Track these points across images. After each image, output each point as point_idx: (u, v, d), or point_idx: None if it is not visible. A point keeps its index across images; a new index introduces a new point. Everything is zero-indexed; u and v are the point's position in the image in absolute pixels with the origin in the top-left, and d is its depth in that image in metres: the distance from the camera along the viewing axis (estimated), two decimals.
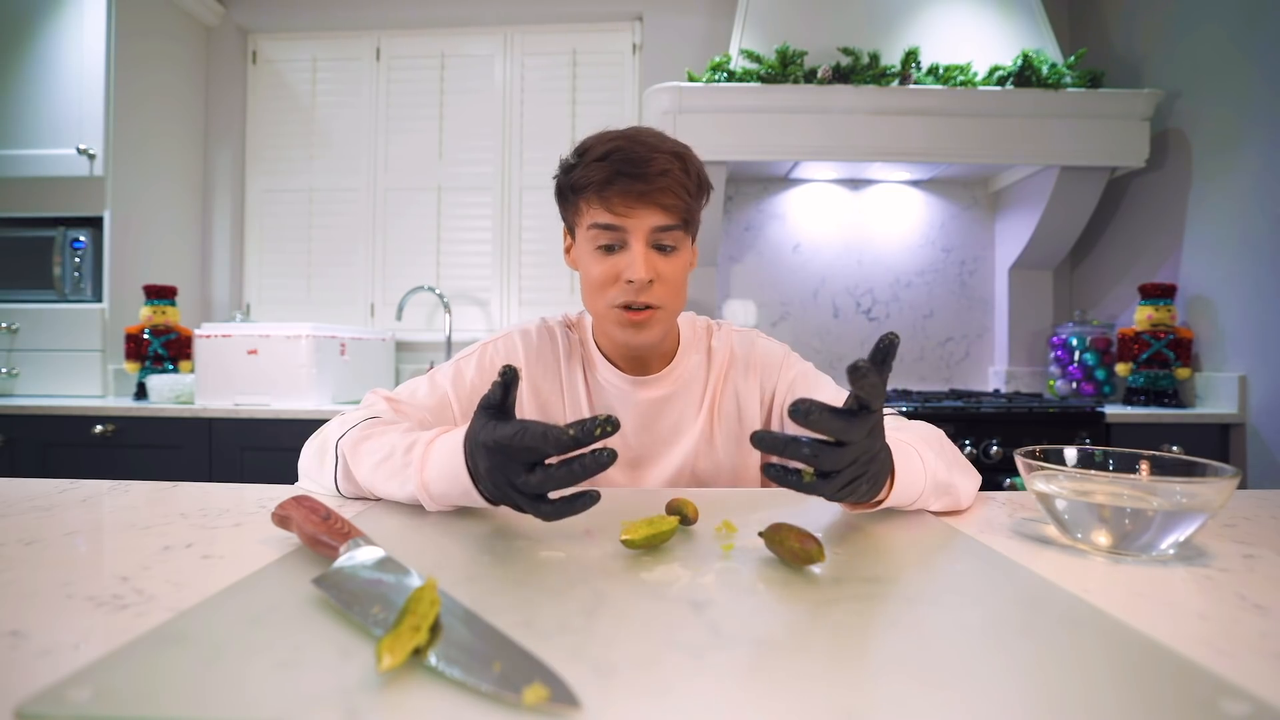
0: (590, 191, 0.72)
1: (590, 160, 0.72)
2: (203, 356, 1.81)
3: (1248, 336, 1.69)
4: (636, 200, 0.71)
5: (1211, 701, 0.28)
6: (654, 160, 0.70)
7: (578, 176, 0.73)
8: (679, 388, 0.85)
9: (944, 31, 2.03)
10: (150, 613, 0.37)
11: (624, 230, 0.72)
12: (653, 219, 0.72)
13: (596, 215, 0.73)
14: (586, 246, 0.75)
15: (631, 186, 0.70)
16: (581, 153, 0.74)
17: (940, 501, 0.62)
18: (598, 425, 0.45)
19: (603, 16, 2.39)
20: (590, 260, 0.75)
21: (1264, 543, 0.54)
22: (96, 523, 0.57)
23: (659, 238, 0.73)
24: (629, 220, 0.72)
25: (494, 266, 2.42)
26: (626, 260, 0.73)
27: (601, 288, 0.75)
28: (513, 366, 0.51)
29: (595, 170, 0.71)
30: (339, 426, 0.70)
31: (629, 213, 0.71)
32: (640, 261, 0.72)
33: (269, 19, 2.43)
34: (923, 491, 0.59)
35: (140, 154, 2.11)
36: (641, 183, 0.70)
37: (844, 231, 2.33)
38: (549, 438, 0.46)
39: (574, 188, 0.74)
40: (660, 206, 0.71)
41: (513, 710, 0.27)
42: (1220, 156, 1.77)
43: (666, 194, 0.71)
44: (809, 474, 0.49)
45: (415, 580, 0.40)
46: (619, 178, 0.70)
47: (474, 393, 0.82)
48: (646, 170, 0.70)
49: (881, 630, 0.36)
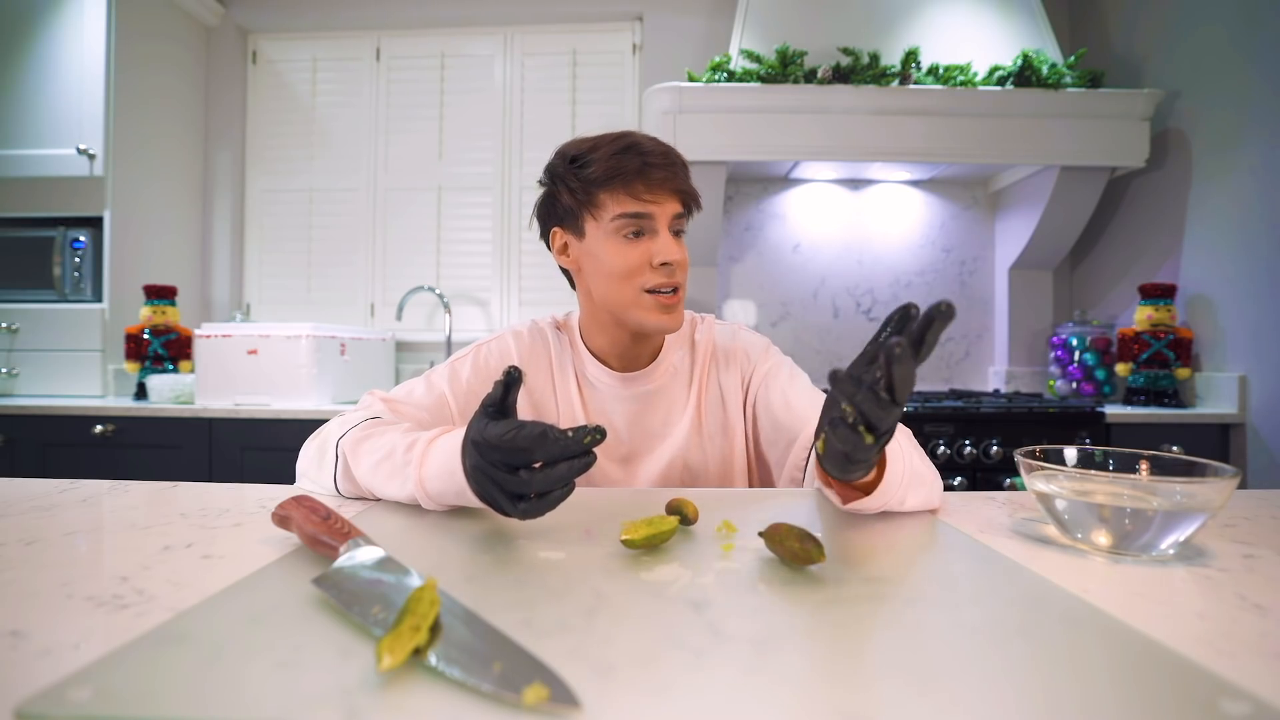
0: (616, 183, 0.76)
1: (609, 154, 0.76)
2: (203, 356, 1.81)
3: (1248, 336, 1.69)
4: (661, 187, 0.76)
5: (1211, 701, 0.28)
6: (668, 152, 0.77)
7: (597, 171, 0.76)
8: (666, 381, 0.87)
9: (944, 31, 2.03)
10: (150, 613, 0.37)
11: (652, 217, 0.76)
12: (673, 206, 0.77)
13: (624, 205, 0.76)
14: (608, 238, 0.78)
15: (657, 175, 0.75)
16: (587, 151, 0.77)
17: (917, 495, 0.60)
18: (587, 434, 0.46)
19: (603, 16, 2.39)
20: (614, 251, 0.77)
21: (1264, 543, 0.54)
22: (96, 523, 0.57)
23: (677, 224, 0.79)
24: (655, 207, 0.76)
25: (494, 266, 2.42)
26: (658, 245, 0.77)
27: (631, 275, 0.77)
28: (517, 367, 0.51)
29: (615, 165, 0.75)
30: (339, 427, 0.70)
31: (655, 199, 0.76)
32: (671, 243, 0.77)
33: (269, 19, 2.43)
34: (903, 475, 0.58)
35: (140, 154, 2.11)
36: (662, 171, 0.75)
37: (844, 231, 2.33)
38: (547, 438, 0.46)
39: (593, 181, 0.76)
40: (679, 193, 0.77)
41: (513, 710, 0.27)
42: (1220, 156, 1.77)
43: (684, 182, 0.78)
44: (869, 436, 0.47)
45: (415, 580, 0.40)
46: (648, 168, 0.75)
47: (470, 393, 0.83)
48: (661, 161, 0.76)
49: (881, 630, 0.36)
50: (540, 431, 0.47)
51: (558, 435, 0.46)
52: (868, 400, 0.44)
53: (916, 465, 0.61)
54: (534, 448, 0.47)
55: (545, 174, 0.82)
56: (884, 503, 0.58)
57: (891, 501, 0.58)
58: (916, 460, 0.61)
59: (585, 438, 0.46)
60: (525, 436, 0.47)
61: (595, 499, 0.66)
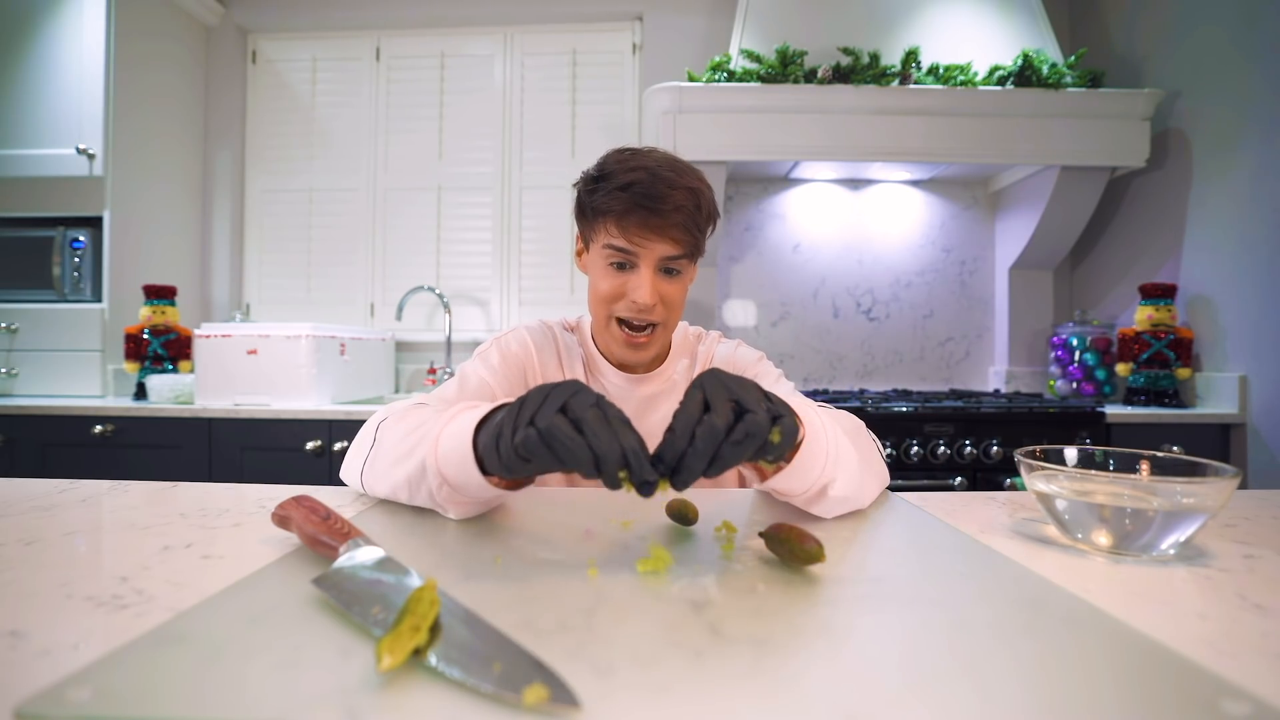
0: (609, 218, 0.77)
1: (612, 188, 0.76)
2: (202, 356, 1.81)
3: (1248, 336, 1.69)
4: (650, 232, 0.76)
5: (1212, 701, 0.28)
6: (670, 196, 0.75)
7: (599, 201, 0.78)
8: (668, 386, 0.91)
9: (944, 31, 2.03)
10: (150, 613, 0.37)
11: (635, 254, 0.78)
12: (663, 249, 0.77)
13: (612, 238, 0.78)
14: (599, 260, 0.81)
15: (647, 220, 0.75)
16: (605, 175, 0.78)
17: (845, 474, 0.58)
18: (645, 477, 0.44)
19: (603, 16, 2.39)
20: (601, 274, 0.81)
21: (1264, 543, 0.54)
22: (96, 523, 0.57)
23: (667, 264, 0.79)
24: (641, 248, 0.77)
25: (494, 266, 2.42)
26: (635, 282, 0.78)
27: (608, 300, 0.81)
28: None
29: (615, 200, 0.76)
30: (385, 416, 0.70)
31: (642, 242, 0.77)
32: (647, 286, 0.77)
33: (269, 19, 2.43)
34: (826, 445, 0.57)
35: (140, 154, 2.11)
36: (657, 217, 0.75)
37: (844, 231, 2.33)
38: (601, 407, 0.46)
39: (594, 209, 0.79)
40: (671, 239, 0.77)
41: (513, 710, 0.27)
42: (1220, 156, 1.77)
43: (678, 229, 0.76)
44: (775, 434, 0.47)
45: (415, 580, 0.40)
46: (636, 209, 0.75)
47: (506, 377, 0.85)
48: (662, 206, 0.75)
49: (882, 630, 0.36)
50: (613, 415, 0.45)
51: (632, 446, 0.44)
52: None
53: (845, 450, 0.59)
54: (597, 410, 0.45)
55: (579, 180, 0.84)
56: (803, 477, 0.56)
57: (810, 476, 0.56)
58: (840, 436, 0.59)
59: (643, 476, 0.44)
60: (615, 412, 0.46)
61: (595, 499, 0.66)
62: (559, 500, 0.66)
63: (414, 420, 0.63)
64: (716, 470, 0.46)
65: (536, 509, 0.62)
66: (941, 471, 1.70)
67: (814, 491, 0.58)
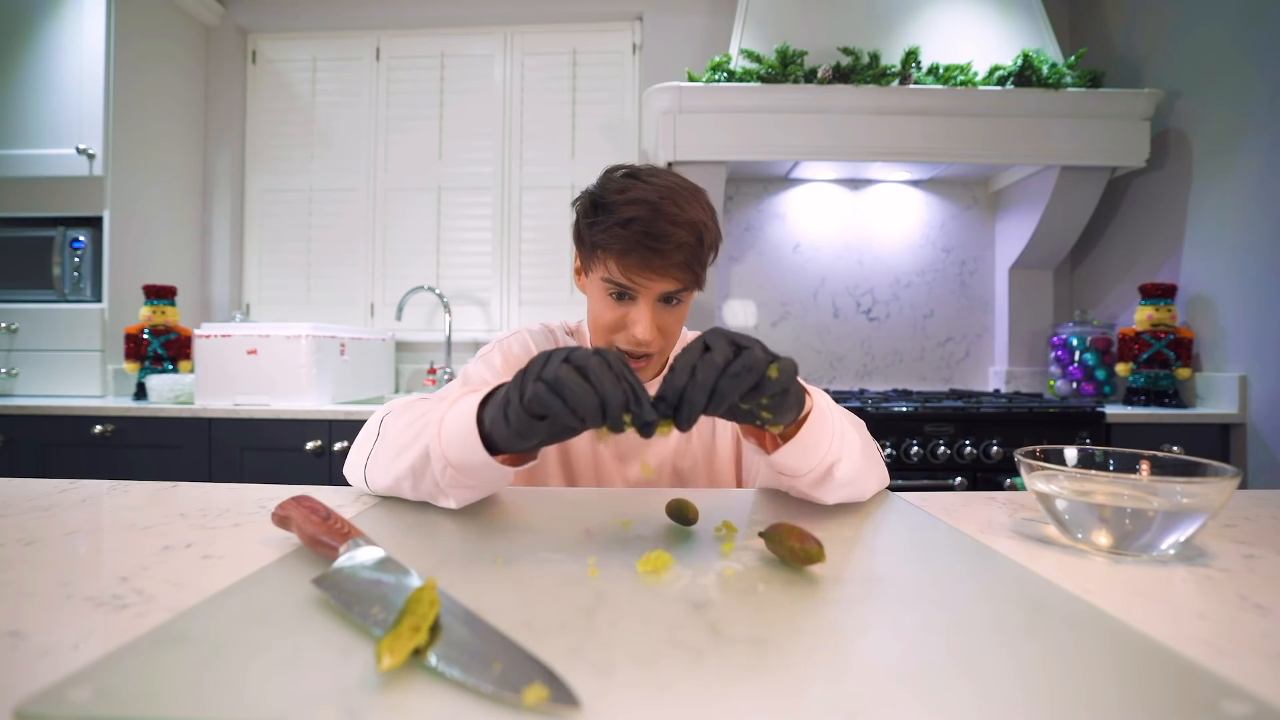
0: (609, 254, 0.74)
1: (612, 224, 0.72)
2: (202, 356, 1.81)
3: (1248, 336, 1.69)
4: (651, 271, 0.73)
5: (1212, 702, 0.28)
6: (673, 235, 0.72)
7: (598, 236, 0.74)
8: None
9: (944, 31, 2.03)
10: (150, 613, 0.37)
11: (636, 291, 0.75)
12: (663, 286, 0.75)
13: (611, 273, 0.75)
14: (598, 287, 0.78)
15: (648, 260, 0.72)
16: (604, 206, 0.74)
17: (850, 456, 0.60)
18: (646, 417, 0.46)
19: (603, 16, 2.39)
20: (601, 303, 0.78)
21: (1264, 543, 0.54)
22: (96, 523, 0.57)
23: (671, 294, 0.77)
24: (642, 287, 0.75)
25: (494, 266, 2.42)
26: (635, 315, 0.76)
27: (608, 330, 0.79)
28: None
29: (614, 238, 0.72)
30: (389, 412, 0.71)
31: (643, 281, 0.74)
32: (646, 321, 0.75)
33: (269, 19, 2.43)
34: (833, 424, 0.59)
35: (140, 154, 2.11)
36: (658, 258, 0.72)
37: (844, 231, 2.33)
38: (603, 355, 0.48)
39: (594, 243, 0.75)
40: (673, 278, 0.74)
41: (513, 710, 0.27)
42: (1220, 156, 1.77)
43: (679, 268, 0.74)
44: (764, 415, 0.51)
45: (415, 580, 0.40)
46: (637, 249, 0.72)
47: (507, 375, 0.85)
48: (664, 246, 0.71)
49: (882, 630, 0.36)
50: (624, 380, 0.47)
51: (635, 387, 0.46)
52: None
53: (845, 425, 0.62)
54: (609, 376, 0.46)
55: (578, 200, 0.82)
56: (811, 453, 0.57)
57: (818, 452, 0.58)
58: (843, 421, 0.62)
59: (644, 418, 0.46)
60: (616, 358, 0.48)
61: (595, 499, 0.66)
62: (559, 500, 0.66)
63: (417, 411, 0.63)
64: (717, 405, 0.47)
65: (536, 509, 0.62)
66: (941, 471, 1.70)
67: (820, 471, 0.58)
